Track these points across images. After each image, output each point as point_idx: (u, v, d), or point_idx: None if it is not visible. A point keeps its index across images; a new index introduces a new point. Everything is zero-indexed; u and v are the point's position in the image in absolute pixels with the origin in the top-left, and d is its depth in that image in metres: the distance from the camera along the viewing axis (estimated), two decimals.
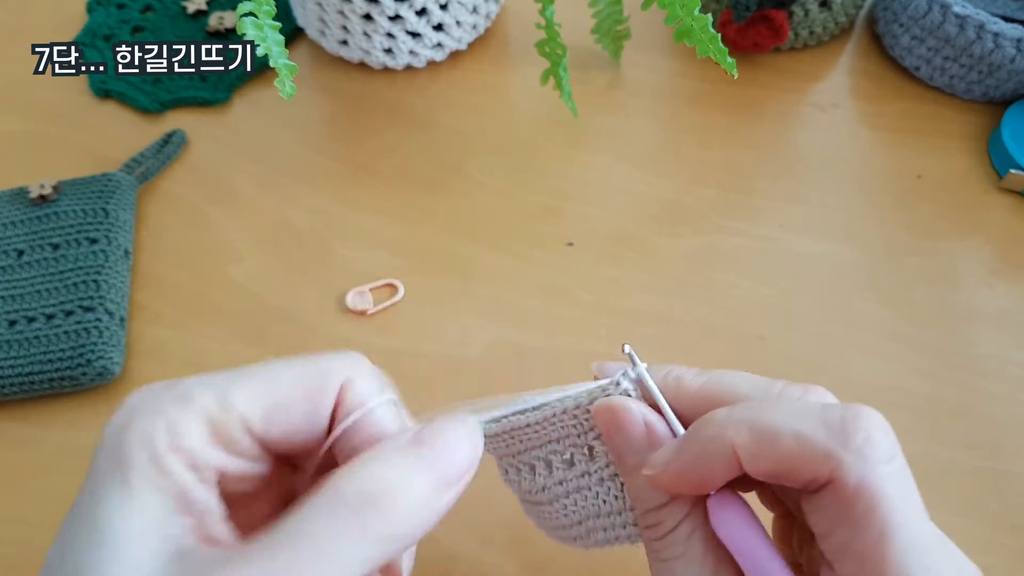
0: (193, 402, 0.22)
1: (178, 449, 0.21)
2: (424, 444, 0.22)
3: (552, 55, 0.49)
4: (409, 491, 0.22)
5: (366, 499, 0.21)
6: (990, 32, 0.48)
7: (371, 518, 0.21)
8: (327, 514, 0.21)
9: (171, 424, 0.21)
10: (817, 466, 0.22)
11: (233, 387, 0.23)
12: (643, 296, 0.45)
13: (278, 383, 0.23)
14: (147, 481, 0.21)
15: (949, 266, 0.45)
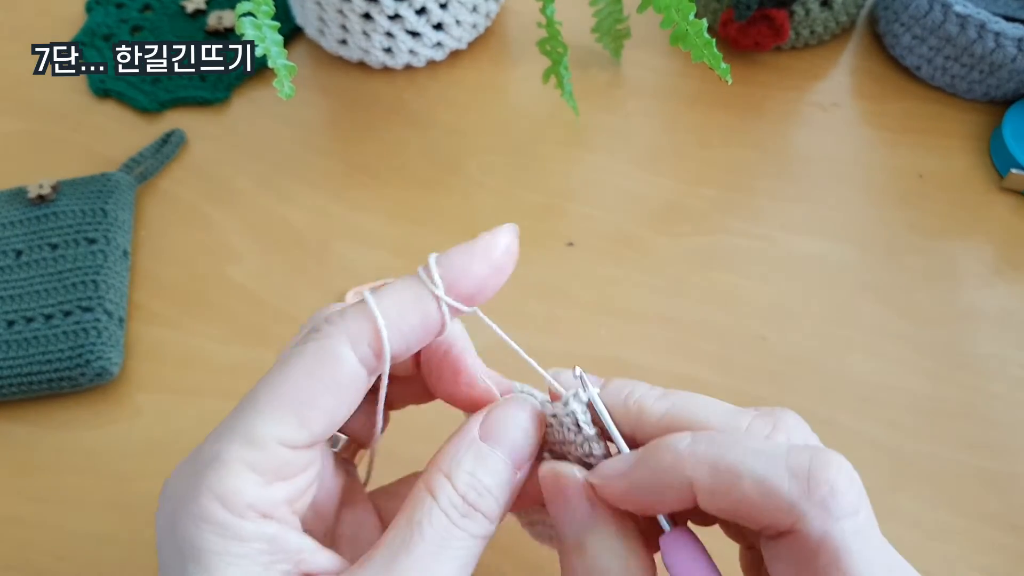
0: (226, 457, 0.21)
1: (237, 510, 0.21)
2: (496, 437, 0.24)
3: (553, 54, 0.49)
4: (495, 490, 0.23)
5: (467, 508, 0.23)
6: (991, 31, 0.48)
7: (474, 523, 0.23)
8: (440, 526, 0.22)
9: (216, 490, 0.21)
10: (779, 516, 0.21)
11: (252, 418, 0.22)
12: (643, 296, 0.44)
13: (296, 384, 0.22)
14: (224, 557, 0.20)
15: (950, 266, 0.45)
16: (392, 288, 0.23)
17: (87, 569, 0.37)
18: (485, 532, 0.23)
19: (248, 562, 0.21)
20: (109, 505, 0.39)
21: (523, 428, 0.24)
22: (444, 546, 0.22)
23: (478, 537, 0.23)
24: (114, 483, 0.39)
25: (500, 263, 0.24)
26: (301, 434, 0.22)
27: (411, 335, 0.23)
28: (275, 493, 0.22)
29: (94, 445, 0.41)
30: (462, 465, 0.23)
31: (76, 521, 0.38)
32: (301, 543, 0.22)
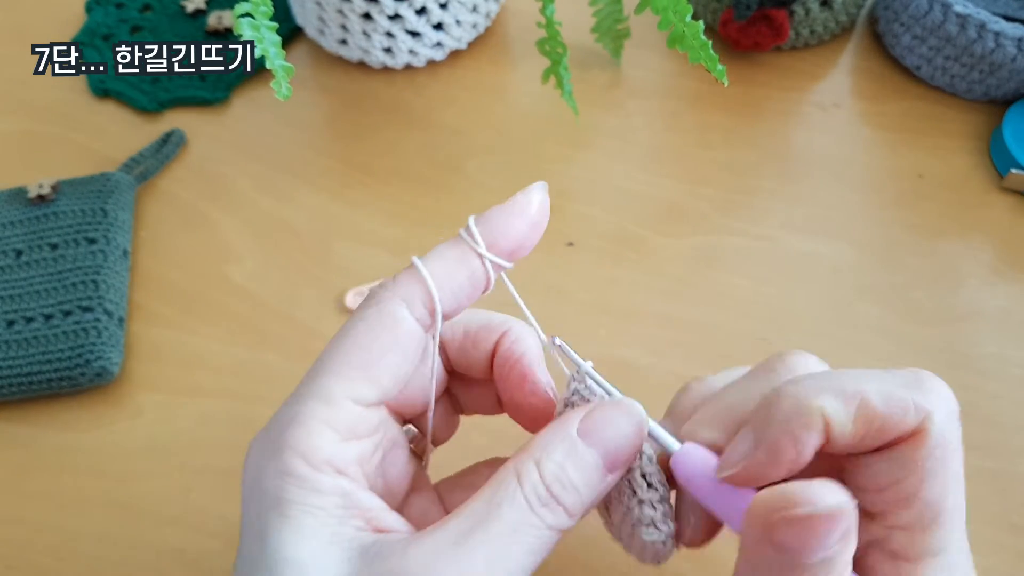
0: (305, 416, 0.23)
1: (316, 464, 0.22)
2: (592, 435, 0.24)
3: (553, 54, 0.49)
4: (581, 486, 0.23)
5: (545, 497, 0.23)
6: (991, 31, 0.48)
7: (552, 514, 0.23)
8: (519, 510, 0.22)
9: (298, 447, 0.22)
10: (907, 421, 0.22)
11: (325, 379, 0.23)
12: (643, 296, 0.44)
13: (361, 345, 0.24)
14: (304, 506, 0.22)
15: (950, 266, 0.45)
16: (437, 251, 0.25)
17: (87, 569, 0.37)
18: (562, 526, 0.23)
19: (325, 514, 0.22)
20: (109, 505, 0.39)
21: (623, 433, 0.24)
22: (519, 531, 0.22)
23: (554, 529, 0.23)
24: (114, 483, 0.39)
25: (536, 219, 0.25)
26: (371, 391, 0.24)
27: (460, 292, 0.25)
28: (349, 451, 0.23)
29: (94, 445, 0.41)
30: (553, 455, 0.23)
31: (76, 521, 0.38)
32: (372, 502, 0.23)
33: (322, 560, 0.21)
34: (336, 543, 0.22)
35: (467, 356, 0.28)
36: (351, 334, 0.24)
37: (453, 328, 0.28)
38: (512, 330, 0.28)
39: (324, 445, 0.23)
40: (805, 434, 0.22)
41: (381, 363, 0.24)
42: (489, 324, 0.28)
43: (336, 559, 0.22)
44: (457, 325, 0.28)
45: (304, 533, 0.22)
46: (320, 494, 0.22)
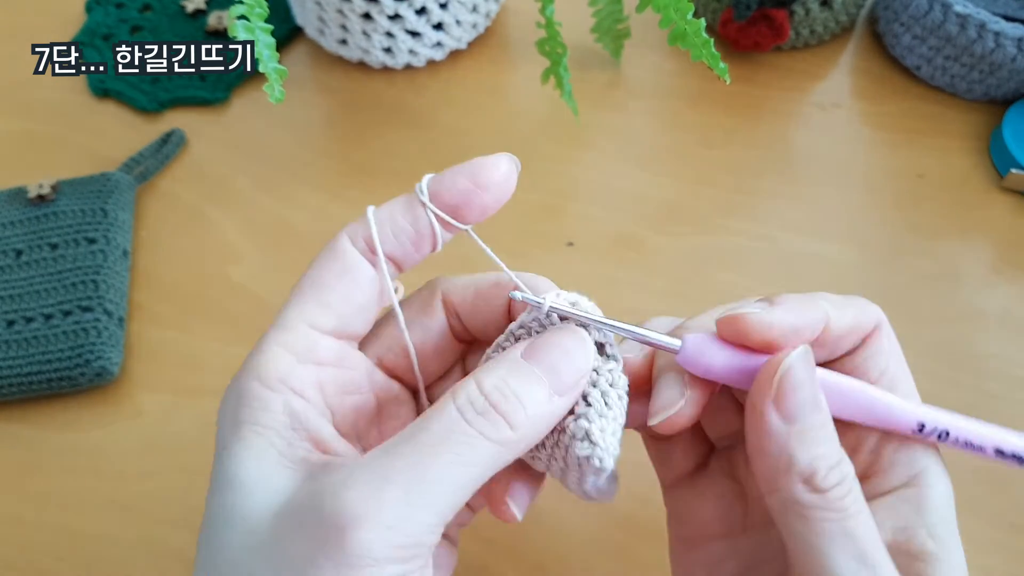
0: (265, 344, 0.24)
1: (270, 384, 0.24)
2: (537, 357, 0.24)
3: (552, 54, 0.49)
4: (526, 399, 0.23)
5: (486, 407, 0.22)
6: (991, 31, 0.48)
7: (491, 424, 0.22)
8: (448, 420, 0.22)
9: (256, 370, 0.24)
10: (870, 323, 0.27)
11: (284, 310, 0.25)
12: (643, 296, 0.44)
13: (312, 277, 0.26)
14: (254, 426, 0.23)
15: (950, 266, 0.45)
16: (391, 201, 0.27)
17: (88, 569, 0.37)
18: (502, 438, 0.22)
19: (273, 434, 0.23)
20: (109, 505, 0.39)
21: (569, 353, 0.24)
22: (447, 439, 0.21)
23: (491, 441, 0.22)
24: (114, 483, 0.39)
25: (482, 180, 0.27)
26: (325, 316, 0.25)
27: (401, 234, 0.26)
28: (306, 373, 0.24)
29: (94, 445, 0.41)
30: (494, 371, 0.23)
31: (76, 521, 0.38)
32: (324, 427, 0.24)
33: (267, 480, 0.22)
34: (283, 463, 0.23)
35: (481, 316, 0.28)
36: (307, 272, 0.26)
37: (463, 292, 0.28)
38: (528, 279, 0.28)
39: (279, 365, 0.24)
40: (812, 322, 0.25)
41: (330, 289, 0.25)
42: (499, 282, 0.28)
43: (281, 479, 0.22)
44: (467, 288, 0.28)
45: (251, 452, 0.22)
46: (269, 412, 0.23)
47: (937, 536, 0.24)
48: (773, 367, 0.24)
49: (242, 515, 0.22)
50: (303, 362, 0.24)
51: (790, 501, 0.23)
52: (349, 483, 0.21)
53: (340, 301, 0.25)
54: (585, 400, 0.24)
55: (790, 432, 0.23)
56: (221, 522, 0.22)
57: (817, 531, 0.23)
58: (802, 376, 0.23)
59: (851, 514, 0.23)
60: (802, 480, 0.23)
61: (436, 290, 0.28)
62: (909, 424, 0.26)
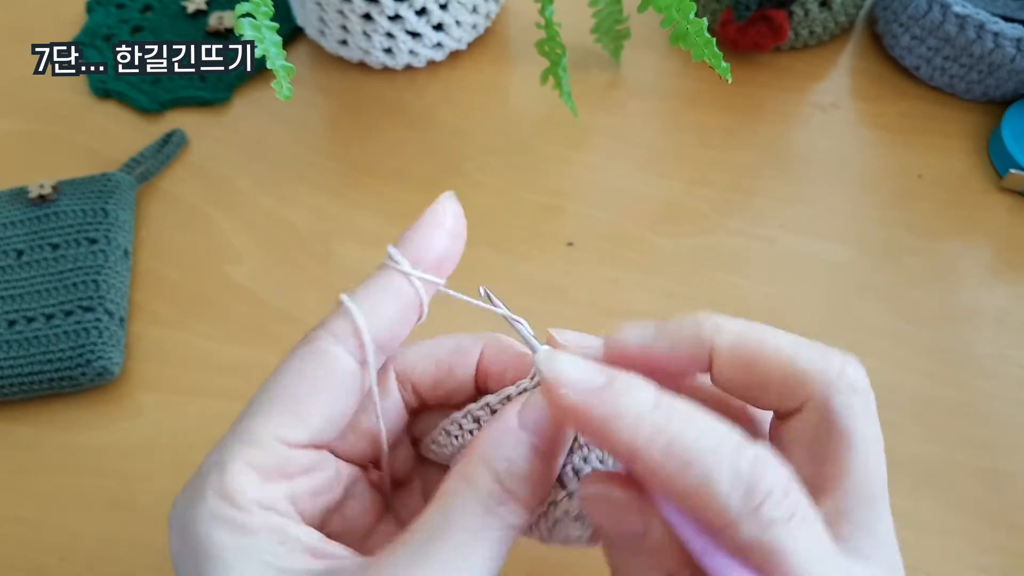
0: (227, 459, 0.22)
1: (244, 507, 0.21)
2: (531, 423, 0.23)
3: (552, 55, 0.49)
4: (534, 479, 0.22)
5: (501, 497, 0.22)
6: (990, 32, 0.48)
7: (506, 513, 0.22)
8: (463, 512, 0.21)
9: (222, 491, 0.21)
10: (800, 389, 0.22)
11: (249, 420, 0.23)
12: (643, 296, 0.45)
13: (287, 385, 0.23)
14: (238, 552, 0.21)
15: (949, 266, 0.45)
16: (363, 284, 0.25)
17: (89, 569, 0.37)
18: (520, 523, 0.22)
19: (266, 553, 0.21)
20: (110, 505, 0.39)
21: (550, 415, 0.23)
22: (478, 536, 0.21)
23: (513, 528, 0.22)
24: (115, 483, 0.39)
25: (453, 229, 0.26)
26: (299, 430, 0.23)
27: (392, 319, 0.24)
28: (276, 491, 0.22)
29: (95, 445, 0.41)
30: (502, 452, 0.22)
31: (77, 521, 0.38)
32: (309, 535, 0.23)
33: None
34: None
35: (444, 387, 0.27)
36: (280, 375, 0.23)
37: (423, 363, 0.27)
38: (493, 341, 0.27)
39: (248, 487, 0.22)
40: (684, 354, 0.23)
41: (310, 401, 0.23)
42: (459, 347, 0.27)
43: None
44: (426, 359, 0.26)
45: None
46: (253, 534, 0.21)
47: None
48: None
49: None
50: (272, 480, 0.22)
51: None
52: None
53: (318, 414, 0.23)
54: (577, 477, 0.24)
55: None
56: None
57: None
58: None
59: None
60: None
61: (389, 370, 0.27)
62: None
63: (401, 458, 0.28)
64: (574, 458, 0.24)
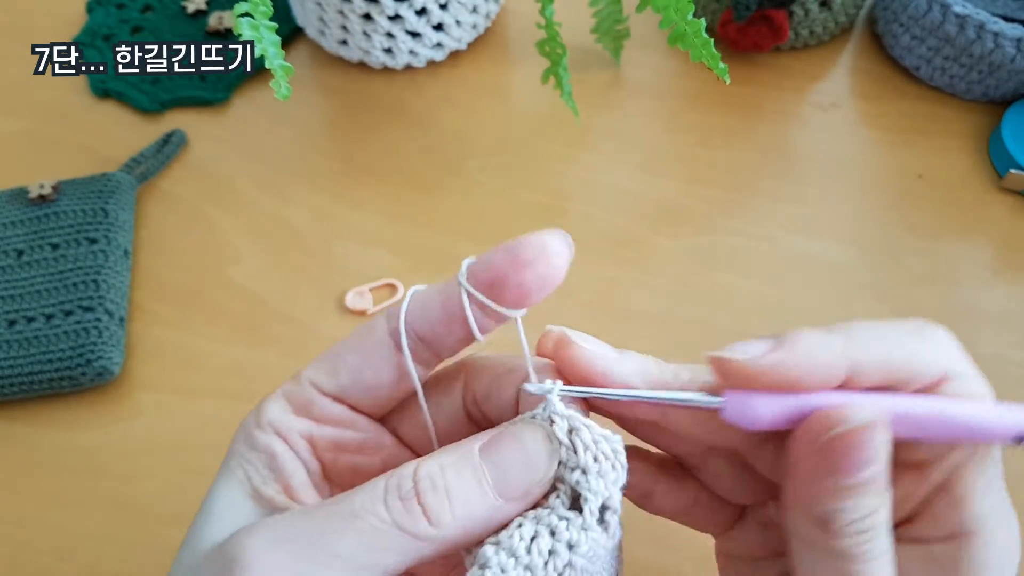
0: (275, 392, 0.25)
1: (261, 425, 0.25)
2: (492, 452, 0.22)
3: (552, 54, 0.49)
4: (456, 497, 0.21)
5: (410, 494, 0.21)
6: (990, 32, 0.48)
7: (407, 514, 0.21)
8: (368, 497, 0.21)
9: (257, 412, 0.25)
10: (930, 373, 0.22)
11: (309, 368, 0.25)
12: (643, 296, 0.45)
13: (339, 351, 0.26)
14: (240, 459, 0.24)
15: (949, 266, 0.45)
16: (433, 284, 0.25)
17: (88, 569, 0.37)
18: (418, 532, 0.21)
19: (252, 470, 0.24)
20: (110, 505, 0.39)
21: (527, 454, 0.22)
22: (358, 516, 0.20)
23: (404, 531, 0.20)
24: (115, 483, 0.39)
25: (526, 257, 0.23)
26: (328, 379, 0.25)
27: (433, 320, 0.24)
28: (296, 423, 0.25)
29: (95, 445, 0.41)
30: (440, 459, 0.22)
31: (77, 521, 0.38)
32: (298, 473, 0.25)
33: (232, 510, 0.23)
34: (251, 498, 0.24)
35: (493, 403, 0.26)
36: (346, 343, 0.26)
37: (480, 374, 0.26)
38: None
39: (273, 411, 0.25)
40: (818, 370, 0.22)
41: (341, 360, 0.25)
42: (513, 368, 0.26)
43: (244, 511, 0.23)
44: (484, 371, 0.26)
45: (229, 482, 0.24)
46: (254, 450, 0.24)
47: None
48: (824, 424, 0.21)
49: (199, 537, 0.23)
50: (298, 414, 0.25)
51: (799, 532, 0.22)
52: (253, 530, 0.21)
53: (346, 372, 0.25)
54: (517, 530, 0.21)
55: (822, 483, 0.21)
56: (187, 541, 0.24)
57: (815, 562, 0.22)
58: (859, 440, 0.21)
59: (862, 560, 0.21)
60: (816, 523, 0.21)
61: (461, 369, 0.26)
62: (1003, 437, 0.22)
63: None
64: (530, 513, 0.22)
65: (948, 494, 0.23)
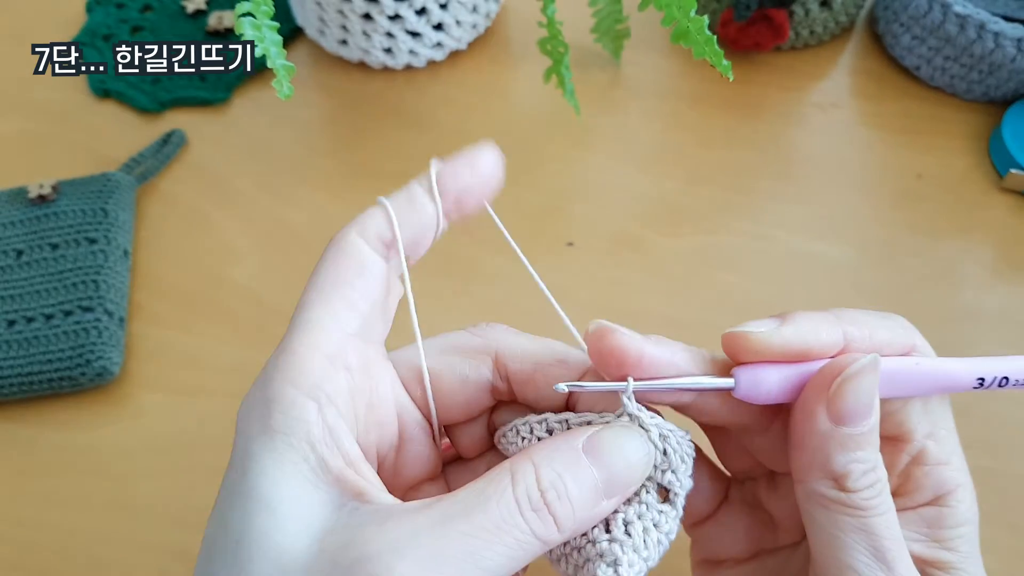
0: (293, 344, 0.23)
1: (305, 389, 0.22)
2: (597, 454, 0.23)
3: (554, 53, 0.49)
4: (577, 501, 0.22)
5: (541, 504, 0.21)
6: (991, 32, 0.48)
7: (542, 524, 0.21)
8: (506, 509, 0.21)
9: (288, 372, 0.22)
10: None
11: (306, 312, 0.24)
12: (643, 296, 0.45)
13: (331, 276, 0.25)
14: (288, 436, 0.21)
15: (949, 266, 0.45)
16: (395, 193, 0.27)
17: (88, 569, 0.37)
18: (549, 537, 0.22)
19: (308, 448, 0.21)
20: (110, 505, 0.39)
21: (630, 460, 0.23)
22: (502, 529, 0.21)
23: (539, 539, 0.21)
24: (115, 483, 0.39)
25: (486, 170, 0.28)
26: (352, 316, 0.24)
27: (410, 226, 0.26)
28: (339, 380, 0.23)
29: (95, 445, 0.41)
30: (553, 464, 0.22)
31: (77, 521, 0.38)
32: (353, 447, 0.23)
33: (301, 503, 0.21)
34: (317, 483, 0.21)
35: (536, 390, 0.26)
36: (321, 271, 0.25)
37: (521, 362, 0.26)
38: (591, 374, 0.26)
39: (313, 368, 0.22)
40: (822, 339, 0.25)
41: (351, 287, 0.24)
42: (567, 361, 0.26)
43: (313, 505, 0.21)
44: (525, 359, 0.26)
45: (285, 468, 0.21)
46: (305, 423, 0.21)
47: (956, 548, 0.25)
48: (834, 371, 0.23)
49: (277, 545, 0.20)
50: (335, 367, 0.23)
51: (816, 493, 0.24)
52: (404, 551, 0.20)
53: (362, 300, 0.24)
54: (625, 528, 0.24)
55: (834, 434, 0.23)
56: (253, 549, 0.20)
57: (837, 523, 0.23)
58: (862, 385, 0.23)
59: (875, 512, 0.23)
60: (832, 479, 0.23)
61: (490, 347, 0.27)
62: (967, 384, 0.26)
63: (474, 436, 0.28)
64: (628, 510, 0.24)
65: (924, 463, 0.26)
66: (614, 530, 0.23)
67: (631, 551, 0.23)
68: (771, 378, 0.24)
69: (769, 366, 0.24)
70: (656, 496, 0.24)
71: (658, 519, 0.24)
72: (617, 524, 0.24)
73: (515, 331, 0.27)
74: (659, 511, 0.24)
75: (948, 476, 0.26)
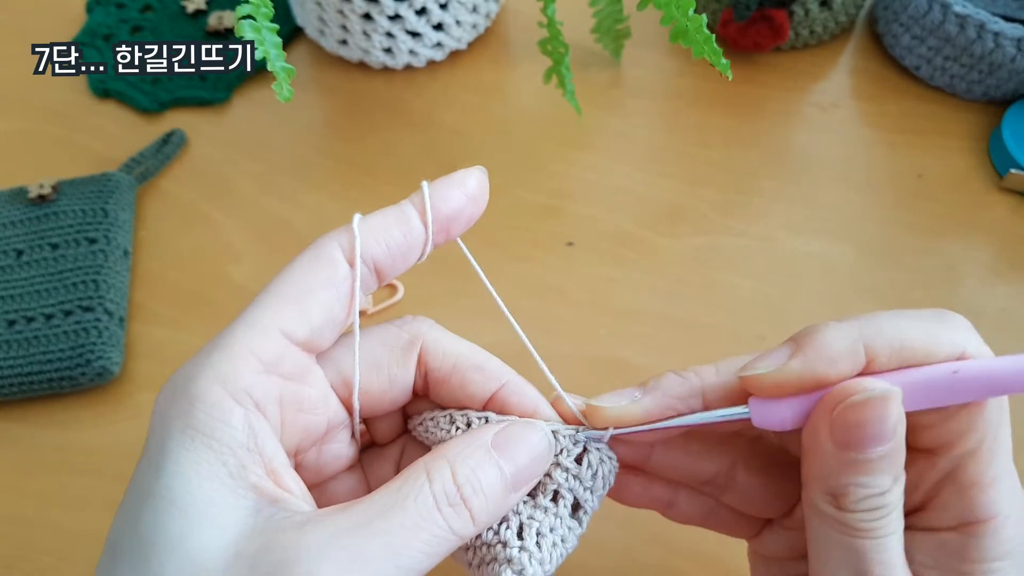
0: (232, 342, 0.22)
1: (234, 392, 0.22)
2: (504, 450, 0.24)
3: (554, 53, 0.49)
4: (489, 495, 0.23)
5: (458, 499, 0.22)
6: (990, 32, 0.48)
7: (459, 518, 0.22)
8: (424, 506, 0.22)
9: (219, 372, 0.22)
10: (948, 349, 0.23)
11: (257, 311, 0.23)
12: (643, 296, 0.45)
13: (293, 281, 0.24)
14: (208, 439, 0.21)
15: (949, 266, 0.45)
16: (381, 210, 0.26)
17: (88, 569, 0.37)
18: (465, 532, 0.22)
19: (228, 452, 0.21)
20: (110, 505, 0.38)
21: (533, 454, 0.24)
22: (420, 527, 0.21)
23: (455, 534, 0.22)
24: (115, 483, 0.39)
25: (473, 193, 0.26)
26: (300, 324, 0.23)
27: (395, 246, 0.25)
28: (271, 386, 0.23)
29: (94, 445, 0.41)
30: (467, 460, 0.23)
31: (77, 520, 0.38)
32: (278, 454, 0.23)
33: (216, 507, 0.20)
34: (233, 489, 0.21)
35: (451, 392, 0.27)
36: (286, 272, 0.24)
37: (442, 358, 0.27)
38: (511, 384, 0.27)
39: (245, 372, 0.22)
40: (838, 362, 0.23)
41: (312, 297, 0.24)
42: (484, 368, 0.26)
43: (230, 508, 0.20)
44: (447, 356, 0.27)
45: (201, 470, 0.20)
46: (228, 427, 0.21)
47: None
48: (837, 397, 0.23)
49: (190, 548, 0.20)
50: (269, 373, 0.23)
51: (815, 505, 0.23)
52: (325, 554, 0.20)
53: (321, 312, 0.24)
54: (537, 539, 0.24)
55: (838, 456, 0.23)
56: (164, 551, 0.20)
57: (828, 537, 0.23)
58: (868, 415, 0.22)
59: (868, 535, 0.22)
60: (831, 495, 0.23)
61: (416, 343, 0.27)
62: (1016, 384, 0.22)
63: (391, 424, 0.29)
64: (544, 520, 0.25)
65: (955, 482, 0.23)
66: (526, 539, 0.24)
67: (536, 563, 0.24)
68: (784, 413, 0.24)
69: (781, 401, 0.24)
70: (567, 508, 0.26)
71: (566, 535, 0.25)
72: (530, 533, 0.25)
73: (441, 328, 0.28)
74: (568, 527, 0.25)
75: (984, 501, 0.23)
